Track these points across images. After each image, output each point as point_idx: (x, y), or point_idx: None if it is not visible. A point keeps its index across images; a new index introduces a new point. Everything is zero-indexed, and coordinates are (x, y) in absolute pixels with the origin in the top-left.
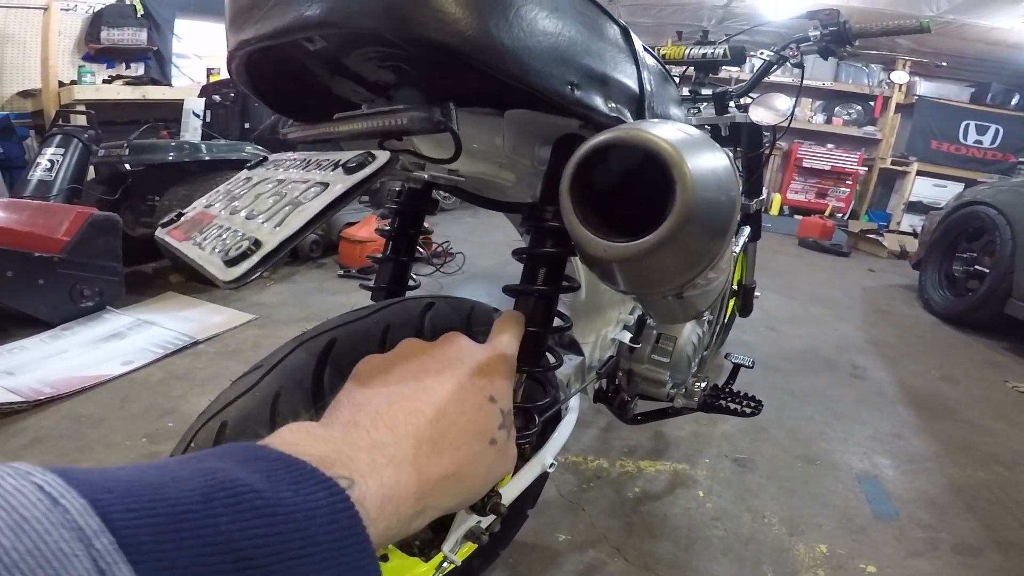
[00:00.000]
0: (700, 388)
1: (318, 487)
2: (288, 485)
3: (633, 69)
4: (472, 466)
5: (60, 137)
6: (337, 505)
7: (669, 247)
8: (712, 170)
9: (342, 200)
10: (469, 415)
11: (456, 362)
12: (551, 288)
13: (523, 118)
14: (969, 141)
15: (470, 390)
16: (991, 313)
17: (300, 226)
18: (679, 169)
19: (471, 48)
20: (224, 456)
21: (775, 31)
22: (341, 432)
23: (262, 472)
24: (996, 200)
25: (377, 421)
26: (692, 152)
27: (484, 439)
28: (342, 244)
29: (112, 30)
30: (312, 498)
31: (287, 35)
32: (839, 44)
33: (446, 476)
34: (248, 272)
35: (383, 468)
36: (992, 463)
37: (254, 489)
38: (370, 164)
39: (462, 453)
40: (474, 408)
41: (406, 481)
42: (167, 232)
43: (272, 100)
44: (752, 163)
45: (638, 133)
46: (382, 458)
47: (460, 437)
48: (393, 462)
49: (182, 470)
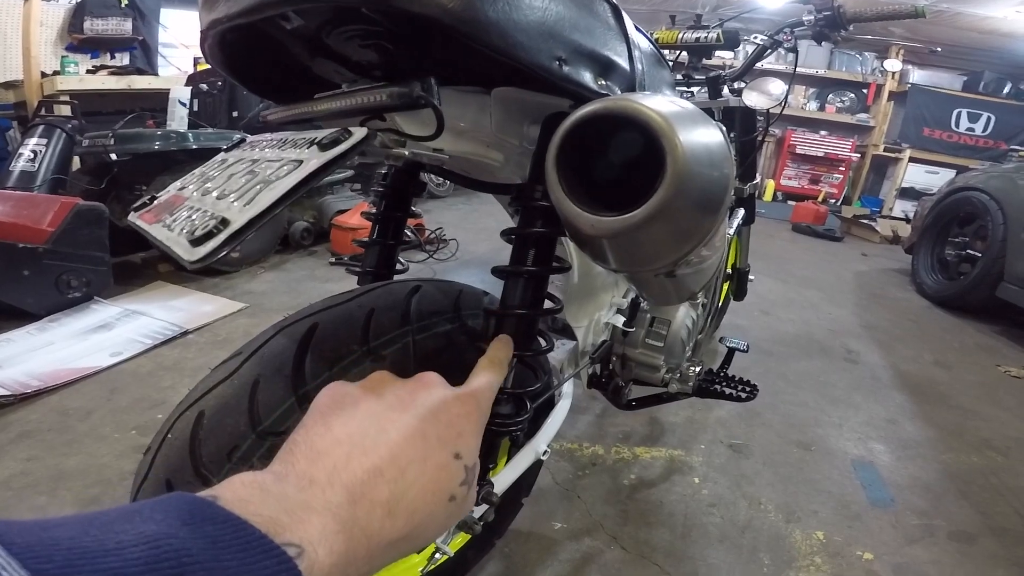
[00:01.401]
0: (695, 373)
1: (265, 556)
2: (234, 553)
3: (624, 47)
4: (425, 527)
5: (42, 127)
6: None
7: (660, 221)
8: (704, 143)
9: (315, 176)
10: (430, 475)
11: (425, 412)
12: (541, 269)
13: (511, 96)
14: (961, 129)
15: (435, 447)
16: (983, 296)
17: (270, 203)
18: (669, 140)
19: (453, 20)
20: (171, 513)
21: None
22: (295, 489)
23: (208, 539)
24: (988, 186)
25: (334, 478)
26: (684, 124)
27: (443, 498)
28: (334, 231)
29: (96, 20)
30: (257, 567)
31: (259, 12)
32: (833, 29)
33: (399, 539)
34: (214, 251)
35: (334, 535)
36: (985, 448)
37: (198, 560)
38: (345, 140)
39: (418, 516)
40: (436, 467)
41: (356, 548)
42: (139, 216)
43: (249, 81)
44: (746, 147)
45: (628, 103)
46: (334, 524)
47: (418, 499)
48: (345, 528)
49: (125, 534)
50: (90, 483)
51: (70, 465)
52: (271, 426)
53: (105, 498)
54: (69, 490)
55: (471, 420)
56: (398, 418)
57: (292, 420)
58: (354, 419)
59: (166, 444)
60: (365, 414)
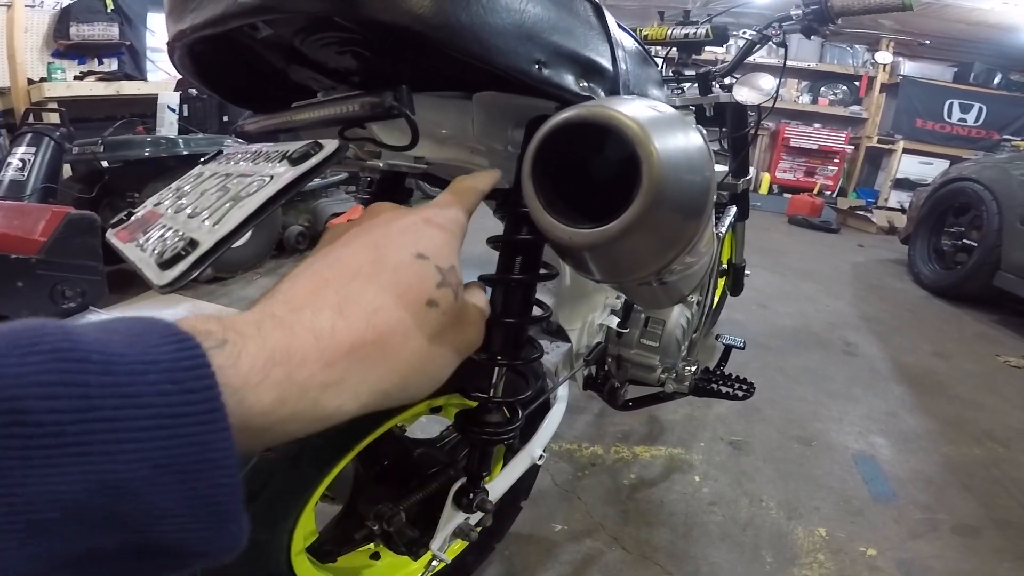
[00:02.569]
0: (691, 372)
1: (163, 340)
2: (125, 337)
3: (606, 47)
4: (403, 333)
5: (31, 136)
6: (183, 362)
7: (638, 232)
8: (683, 148)
9: (285, 192)
10: (388, 274)
11: (371, 227)
12: (528, 277)
13: (493, 100)
14: (953, 119)
15: (388, 251)
16: (980, 285)
17: (238, 223)
18: (645, 148)
19: (425, 27)
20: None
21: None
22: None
23: (101, 328)
24: (981, 176)
25: (275, 297)
26: (660, 129)
27: (415, 302)
28: None
29: (81, 25)
30: (151, 351)
31: (223, 24)
32: (821, 23)
33: (362, 344)
34: (183, 275)
35: (271, 330)
36: (986, 440)
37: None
38: (315, 154)
39: (382, 318)
40: (395, 266)
41: (300, 345)
42: (115, 234)
43: (224, 90)
44: (738, 143)
45: (601, 110)
46: (271, 322)
47: (378, 300)
48: (284, 324)
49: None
50: None
51: None
52: None
53: None
54: None
55: (431, 225)
56: (344, 242)
57: None
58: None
59: None
60: (316, 256)
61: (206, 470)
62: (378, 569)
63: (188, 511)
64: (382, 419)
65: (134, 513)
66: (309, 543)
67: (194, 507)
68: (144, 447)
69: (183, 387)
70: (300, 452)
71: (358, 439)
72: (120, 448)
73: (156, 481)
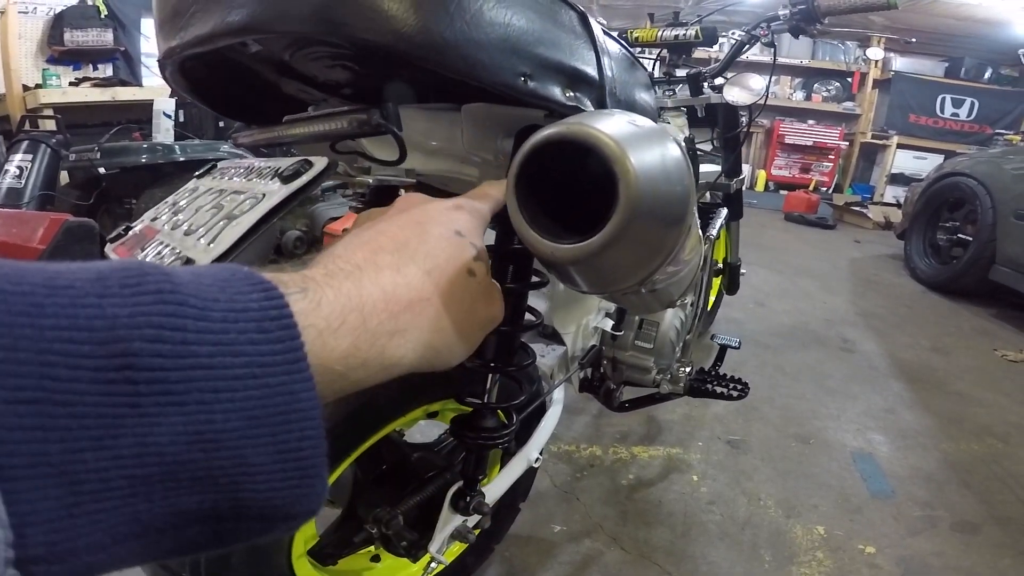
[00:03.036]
0: (685, 373)
1: (252, 288)
2: (215, 282)
3: (592, 55)
4: (450, 295)
5: (27, 143)
6: (270, 312)
7: (619, 245)
8: (660, 163)
9: (277, 211)
10: (433, 243)
11: (413, 207)
12: (519, 286)
13: (481, 112)
14: (946, 114)
15: (432, 223)
16: (976, 280)
17: (232, 242)
18: (621, 164)
19: (409, 46)
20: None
21: (751, 9)
22: (298, 270)
23: (192, 272)
24: (975, 171)
25: (333, 257)
26: (637, 145)
27: (459, 266)
28: (326, 240)
29: (75, 31)
30: (240, 298)
31: (212, 42)
32: (808, 22)
33: (419, 299)
34: None
35: (342, 282)
36: (986, 435)
37: (167, 277)
38: (306, 172)
39: (434, 277)
40: (438, 237)
41: (369, 295)
42: (113, 249)
43: (217, 104)
44: (730, 143)
45: (579, 128)
46: (340, 275)
47: (428, 260)
48: (352, 277)
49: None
50: None
51: None
52: None
53: None
54: None
55: (462, 210)
56: (388, 218)
57: None
58: (360, 235)
59: None
60: (360, 229)
61: (295, 421)
62: (378, 571)
63: (279, 467)
64: (380, 424)
65: (227, 469)
66: (310, 546)
67: (284, 462)
68: (238, 397)
69: (271, 336)
70: None
71: (357, 444)
72: (216, 398)
73: (249, 434)
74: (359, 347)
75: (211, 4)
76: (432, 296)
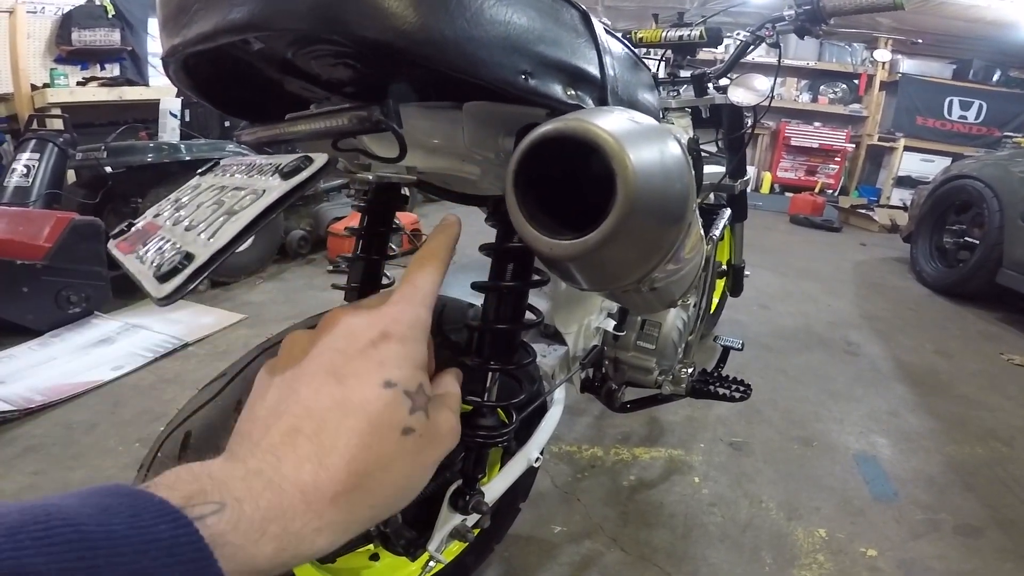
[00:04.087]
0: (687, 374)
1: (159, 519)
2: (125, 519)
3: (594, 54)
4: (383, 469)
5: (35, 142)
6: (181, 538)
7: (617, 242)
8: (659, 160)
9: (277, 206)
10: (358, 415)
11: (330, 354)
12: (519, 284)
13: (483, 110)
14: (954, 117)
15: (353, 385)
16: (982, 283)
17: (231, 237)
18: (619, 160)
19: (409, 43)
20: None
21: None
22: (219, 467)
23: (97, 508)
24: (983, 174)
25: (254, 449)
26: (636, 142)
27: (390, 434)
28: (330, 239)
29: (83, 31)
30: (150, 531)
31: (214, 39)
32: (814, 23)
33: (345, 491)
34: (179, 288)
35: (260, 492)
36: (990, 439)
37: (73, 523)
38: (306, 168)
39: (362, 461)
40: (362, 403)
41: (290, 502)
42: (116, 244)
43: (220, 102)
44: (734, 144)
45: (578, 124)
46: (259, 482)
47: (353, 443)
48: (272, 484)
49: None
50: None
51: (76, 478)
52: None
53: None
54: None
55: (391, 341)
56: (304, 371)
57: None
58: (269, 392)
59: (157, 463)
60: (277, 384)
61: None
62: (377, 570)
63: None
64: None
65: None
66: None
67: None
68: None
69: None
70: None
71: None
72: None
73: None
74: (283, 549)
75: (213, 2)
76: (361, 482)
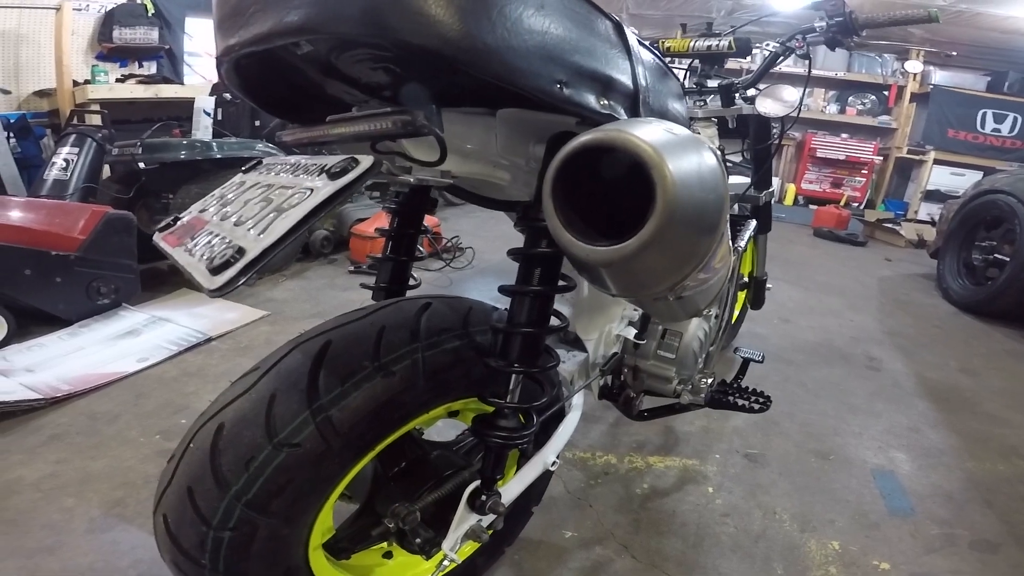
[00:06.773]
0: (707, 384)
1: None
2: None
3: (627, 64)
4: None
5: (74, 137)
6: None
7: (653, 250)
8: (696, 171)
9: (325, 205)
10: None
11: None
12: (546, 288)
13: (516, 117)
14: (987, 130)
15: None
16: (1011, 302)
17: (282, 233)
18: (659, 171)
19: (452, 50)
20: None
21: (785, 21)
22: None
23: None
24: (1016, 189)
25: None
26: (674, 152)
27: None
28: (352, 240)
29: (124, 29)
30: None
31: (268, 41)
32: (845, 35)
33: None
34: (231, 280)
35: None
36: (1012, 456)
37: None
38: (353, 169)
39: None
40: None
41: None
42: (162, 237)
43: (265, 102)
44: (760, 155)
45: (618, 135)
46: None
47: None
48: None
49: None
50: (116, 486)
51: (97, 468)
52: (286, 438)
53: (130, 500)
54: (96, 492)
55: None
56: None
57: (306, 433)
58: None
59: (188, 453)
60: None
61: None
62: (390, 568)
63: None
64: (403, 421)
65: None
66: (326, 539)
67: None
68: None
69: None
70: (325, 451)
71: (379, 440)
72: None
73: None
74: None
75: (269, 5)
76: None
